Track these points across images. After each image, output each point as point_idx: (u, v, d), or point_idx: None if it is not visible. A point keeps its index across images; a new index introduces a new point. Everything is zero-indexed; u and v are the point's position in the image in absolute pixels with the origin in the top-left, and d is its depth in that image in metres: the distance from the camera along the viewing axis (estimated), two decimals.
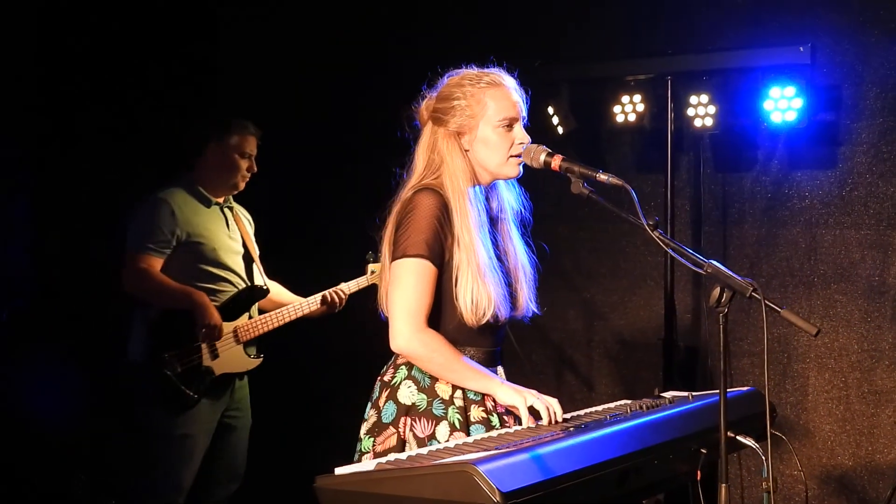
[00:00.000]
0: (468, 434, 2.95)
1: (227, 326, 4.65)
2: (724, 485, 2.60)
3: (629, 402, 3.08)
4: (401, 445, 2.97)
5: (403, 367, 3.07)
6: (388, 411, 3.03)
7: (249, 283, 4.81)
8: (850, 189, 5.08)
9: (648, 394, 3.29)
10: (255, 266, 4.86)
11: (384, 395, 3.07)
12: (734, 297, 2.61)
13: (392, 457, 2.62)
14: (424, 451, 2.62)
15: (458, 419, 2.98)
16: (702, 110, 5.06)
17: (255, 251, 4.89)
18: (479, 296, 2.96)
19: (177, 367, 4.52)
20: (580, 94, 5.40)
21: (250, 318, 4.78)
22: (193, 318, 4.55)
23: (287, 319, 4.80)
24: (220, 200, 4.82)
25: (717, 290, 2.60)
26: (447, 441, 2.92)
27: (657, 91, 5.20)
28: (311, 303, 4.84)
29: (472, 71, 3.15)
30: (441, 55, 3.35)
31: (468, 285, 2.96)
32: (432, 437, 2.96)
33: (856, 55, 5.02)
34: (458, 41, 5.55)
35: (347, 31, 6.07)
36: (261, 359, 4.81)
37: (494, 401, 3.02)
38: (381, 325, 3.06)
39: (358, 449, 3.08)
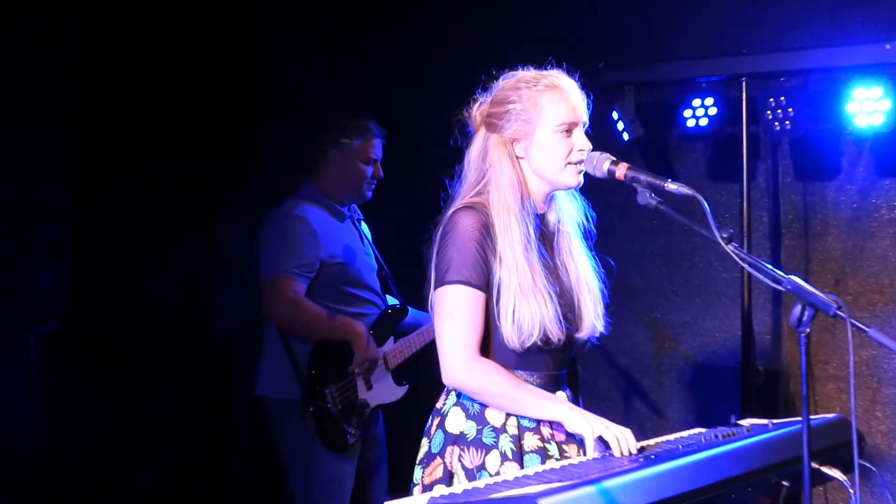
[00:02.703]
0: (521, 464, 2.93)
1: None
2: None
3: (703, 430, 3.06)
4: (448, 477, 2.96)
5: (454, 392, 3.06)
6: (437, 440, 3.03)
7: (389, 303, 4.81)
8: None
9: (724, 422, 3.26)
10: (389, 282, 4.86)
11: (435, 423, 3.07)
12: (817, 316, 2.58)
13: (446, 490, 2.61)
14: (481, 484, 2.61)
15: (511, 448, 2.96)
16: (780, 114, 5.01)
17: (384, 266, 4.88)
18: (521, 316, 2.93)
19: (338, 403, 4.52)
20: (647, 97, 5.39)
21: (394, 341, 4.77)
22: (347, 349, 4.55)
23: (428, 339, 4.76)
24: (349, 212, 4.82)
25: (798, 309, 2.57)
26: (497, 472, 2.90)
27: (731, 94, 5.18)
28: None
29: (529, 73, 3.12)
30: (498, 57, 3.34)
31: (509, 305, 2.93)
32: (482, 467, 2.94)
33: None
34: (517, 42, 5.55)
35: (398, 30, 6.09)
36: (407, 387, 4.78)
37: (552, 428, 3.00)
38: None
39: (413, 480, 3.08)
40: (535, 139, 3.03)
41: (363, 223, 4.96)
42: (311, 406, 4.50)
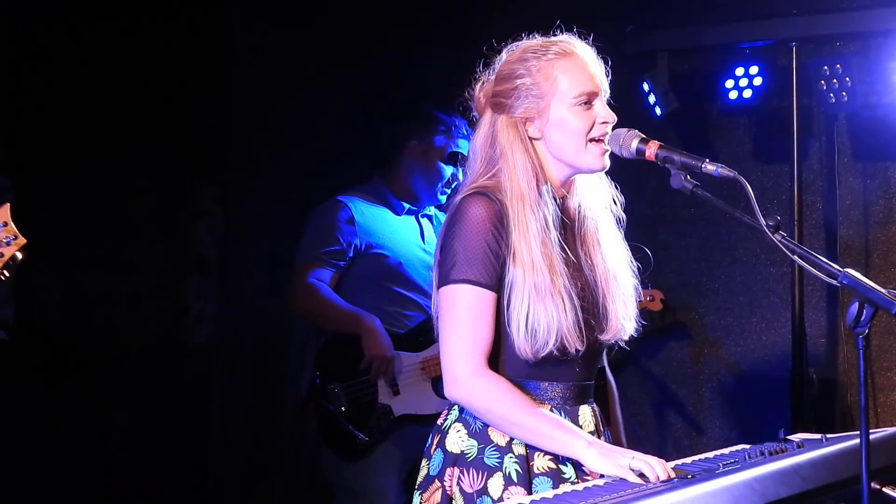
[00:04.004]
0: (529, 489, 2.93)
1: (412, 358, 4.71)
2: None
3: (748, 447, 3.07)
4: (447, 502, 2.96)
5: (457, 407, 3.05)
6: (436, 461, 3.03)
7: None
8: None
9: (772, 437, 3.28)
10: None
11: (435, 441, 3.07)
12: (878, 316, 2.59)
13: None
14: None
15: (517, 471, 2.95)
16: (835, 84, 5.02)
17: None
18: (535, 322, 2.90)
19: (343, 401, 4.59)
20: (683, 66, 5.41)
21: None
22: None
23: None
24: (416, 208, 4.89)
25: (855, 307, 2.58)
26: (501, 498, 2.90)
27: (779, 61, 5.19)
28: None
29: (536, 41, 3.09)
30: (508, 26, 3.33)
31: (522, 309, 2.90)
32: (483, 492, 2.93)
33: None
34: (528, 7, 5.56)
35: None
36: None
37: None
38: None
39: None
40: (551, 115, 3.01)
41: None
42: (313, 402, 4.61)
